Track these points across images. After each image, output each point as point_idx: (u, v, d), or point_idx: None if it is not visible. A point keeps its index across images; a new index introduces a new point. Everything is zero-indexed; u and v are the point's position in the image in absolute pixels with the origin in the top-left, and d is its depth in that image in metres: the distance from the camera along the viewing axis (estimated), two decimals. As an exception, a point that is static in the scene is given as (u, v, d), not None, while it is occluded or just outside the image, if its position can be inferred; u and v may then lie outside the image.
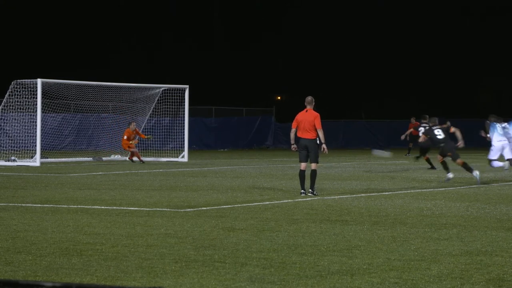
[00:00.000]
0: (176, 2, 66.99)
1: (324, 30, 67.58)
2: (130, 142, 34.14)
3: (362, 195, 18.82)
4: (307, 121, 18.43)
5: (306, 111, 18.64)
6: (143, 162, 34.00)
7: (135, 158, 34.39)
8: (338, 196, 18.38)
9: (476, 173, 22.51)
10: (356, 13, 68.52)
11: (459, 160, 23.10)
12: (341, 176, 25.82)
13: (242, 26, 68.54)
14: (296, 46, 68.00)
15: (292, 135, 18.76)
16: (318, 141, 18.59)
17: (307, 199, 17.75)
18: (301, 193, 18.54)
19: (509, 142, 25.62)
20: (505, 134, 25.63)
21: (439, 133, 23.86)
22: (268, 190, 20.21)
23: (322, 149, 18.54)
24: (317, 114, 18.45)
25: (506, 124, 25.93)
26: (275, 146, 56.58)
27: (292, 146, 18.95)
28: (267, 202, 16.88)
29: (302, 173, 18.78)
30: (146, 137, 35.55)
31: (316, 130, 18.45)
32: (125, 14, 65.50)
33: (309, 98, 18.82)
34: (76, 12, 64.14)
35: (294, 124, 18.68)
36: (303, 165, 18.74)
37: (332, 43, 67.30)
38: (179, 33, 66.07)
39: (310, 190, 18.48)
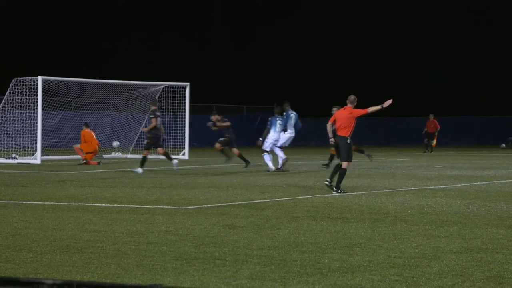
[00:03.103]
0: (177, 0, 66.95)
1: (327, 28, 67.44)
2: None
3: (363, 192, 18.82)
4: (341, 118, 18.55)
5: (344, 108, 18.70)
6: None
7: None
8: (339, 194, 18.37)
9: None
10: (357, 12, 68.41)
11: None
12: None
13: (243, 24, 68.51)
14: (297, 44, 67.87)
15: (328, 128, 18.77)
16: (348, 141, 18.58)
17: (307, 196, 17.75)
18: (326, 181, 18.87)
19: None
20: None
21: None
22: (269, 187, 20.21)
23: (386, 103, 18.47)
24: (352, 110, 18.51)
25: None
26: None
27: (330, 139, 19.00)
28: (268, 200, 16.88)
29: (335, 167, 18.94)
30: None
31: (349, 127, 18.48)
32: (125, 12, 65.41)
33: (351, 97, 18.81)
34: (76, 10, 64.08)
35: (331, 119, 18.83)
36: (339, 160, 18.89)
37: (335, 40, 67.15)
38: (180, 31, 65.96)
39: (334, 188, 18.47)
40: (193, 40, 66.57)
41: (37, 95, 33.11)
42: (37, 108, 33.06)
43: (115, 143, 34.79)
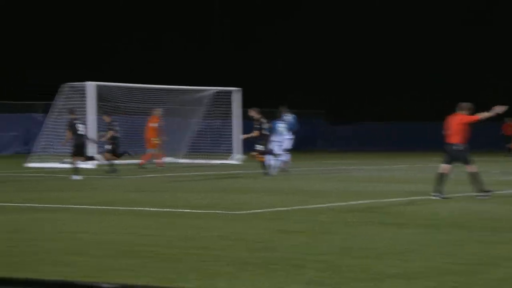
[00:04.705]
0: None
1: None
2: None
3: (417, 198, 18.61)
4: (451, 125, 18.34)
5: (455, 115, 18.49)
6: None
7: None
8: (393, 199, 18.21)
9: None
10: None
11: None
12: (395, 179, 25.61)
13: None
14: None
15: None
16: (463, 147, 18.25)
17: (361, 201, 17.59)
18: (432, 195, 18.26)
19: None
20: None
21: None
22: (321, 192, 20.09)
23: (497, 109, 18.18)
24: (462, 117, 18.23)
25: None
26: (325, 148, 56.38)
27: None
28: (321, 205, 16.78)
29: (439, 175, 18.61)
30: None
31: (461, 134, 18.18)
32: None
33: (464, 104, 18.53)
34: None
35: (444, 127, 18.63)
36: (441, 167, 18.60)
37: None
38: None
39: (481, 193, 18.19)
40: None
41: (86, 100, 33.38)
42: (87, 113, 33.33)
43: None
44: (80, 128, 26.25)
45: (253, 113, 27.77)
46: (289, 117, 29.21)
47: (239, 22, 67.58)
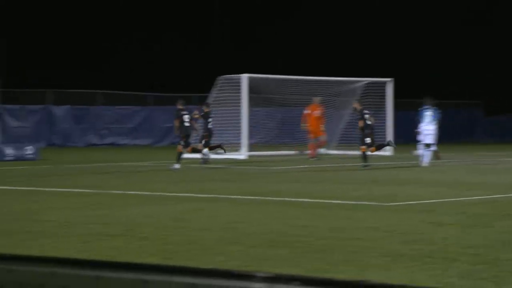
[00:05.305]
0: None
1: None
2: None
3: None
4: None
5: None
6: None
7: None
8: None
9: None
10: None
11: None
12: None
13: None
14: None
15: None
16: None
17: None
18: None
19: None
20: None
21: None
22: (476, 185, 19.60)
23: None
24: None
25: None
26: (482, 141, 55.03)
27: None
28: (476, 197, 16.38)
29: None
30: None
31: None
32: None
33: None
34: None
35: None
36: None
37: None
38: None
39: None
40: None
41: (241, 92, 33.87)
42: (241, 105, 33.83)
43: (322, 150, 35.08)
44: (186, 119, 26.71)
45: (356, 105, 27.90)
46: (431, 108, 28.28)
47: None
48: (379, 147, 28.46)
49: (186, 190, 18.08)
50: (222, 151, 30.32)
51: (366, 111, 27.35)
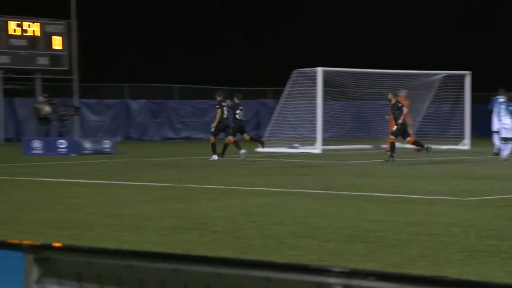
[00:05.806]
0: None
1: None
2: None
3: None
4: None
5: None
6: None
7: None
8: None
9: None
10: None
11: None
12: None
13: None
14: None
15: None
16: None
17: None
18: None
19: None
20: None
21: None
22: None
23: None
24: None
25: None
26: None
27: None
28: (556, 192, 16.05)
29: None
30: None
31: None
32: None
33: None
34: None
35: None
36: None
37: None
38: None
39: None
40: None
41: (316, 86, 33.78)
42: (316, 99, 33.75)
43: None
44: (225, 112, 27.31)
45: (391, 96, 27.67)
46: (506, 102, 27.49)
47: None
48: (417, 143, 28.22)
49: (259, 184, 18.12)
50: (261, 146, 30.60)
51: (400, 104, 27.11)
